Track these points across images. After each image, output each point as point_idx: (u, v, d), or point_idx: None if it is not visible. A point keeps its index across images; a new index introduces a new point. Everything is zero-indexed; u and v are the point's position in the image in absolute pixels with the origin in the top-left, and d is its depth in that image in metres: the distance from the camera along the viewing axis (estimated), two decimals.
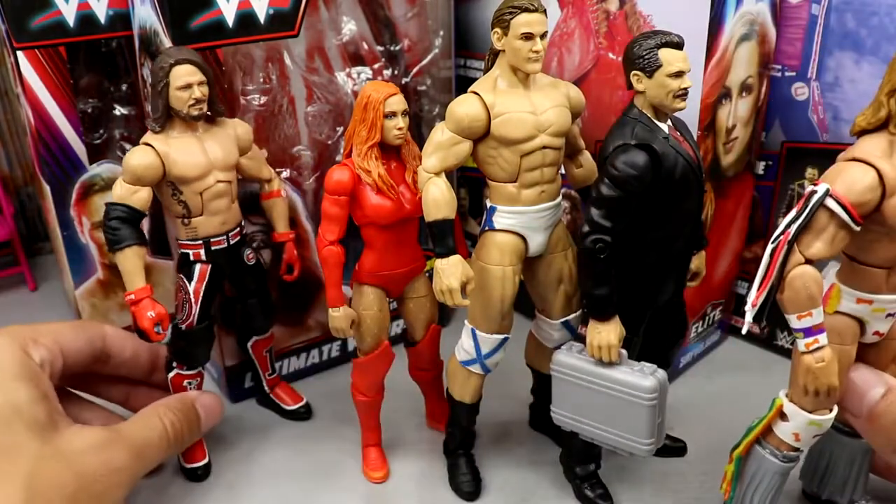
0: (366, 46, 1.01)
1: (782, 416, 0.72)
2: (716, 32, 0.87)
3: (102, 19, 1.01)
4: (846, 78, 0.91)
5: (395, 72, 1.03)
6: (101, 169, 1.07)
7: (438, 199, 0.74)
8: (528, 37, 0.72)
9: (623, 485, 0.87)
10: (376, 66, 1.02)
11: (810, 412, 0.70)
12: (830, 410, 0.70)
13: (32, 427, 0.71)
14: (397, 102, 0.78)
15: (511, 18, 0.72)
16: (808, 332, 0.66)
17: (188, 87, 0.80)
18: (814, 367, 0.67)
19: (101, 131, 1.07)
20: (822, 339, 0.66)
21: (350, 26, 0.99)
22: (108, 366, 0.88)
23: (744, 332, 0.70)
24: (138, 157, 0.81)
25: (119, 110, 1.08)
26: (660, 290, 0.79)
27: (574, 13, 0.99)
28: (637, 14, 0.92)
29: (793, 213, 0.66)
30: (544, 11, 0.73)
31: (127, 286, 0.81)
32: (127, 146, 1.09)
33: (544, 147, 0.75)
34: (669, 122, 0.74)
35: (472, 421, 0.88)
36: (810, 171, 0.96)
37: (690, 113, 0.82)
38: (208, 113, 0.84)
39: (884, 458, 0.75)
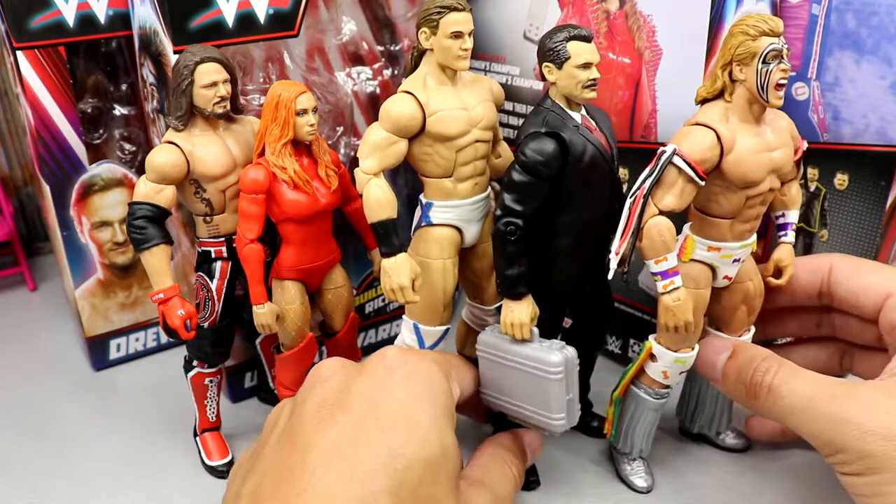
0: (366, 46, 1.01)
1: (652, 357, 0.82)
2: (716, 32, 0.87)
3: (102, 19, 1.00)
4: (846, 78, 0.91)
5: (395, 72, 1.03)
6: (100, 169, 1.07)
7: (381, 200, 0.75)
8: (457, 35, 0.75)
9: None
10: (376, 66, 1.02)
11: (675, 351, 0.81)
12: (692, 349, 0.82)
13: (451, 480, 0.63)
14: (307, 100, 0.80)
15: (440, 18, 0.75)
16: (665, 274, 0.76)
17: (213, 85, 0.80)
18: (671, 305, 0.76)
19: (101, 131, 1.07)
20: (677, 280, 0.76)
21: (350, 26, 0.99)
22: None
23: (609, 277, 0.78)
24: (164, 156, 0.81)
25: (119, 110, 1.08)
26: (578, 273, 0.82)
27: (574, 13, 0.99)
28: (637, 14, 0.92)
29: (646, 171, 0.74)
30: (470, 10, 0.76)
31: (154, 285, 0.81)
32: (127, 146, 1.09)
33: (476, 141, 0.78)
34: (583, 111, 0.77)
35: None
36: (811, 171, 0.96)
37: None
38: (230, 111, 0.84)
39: (744, 406, 0.81)
